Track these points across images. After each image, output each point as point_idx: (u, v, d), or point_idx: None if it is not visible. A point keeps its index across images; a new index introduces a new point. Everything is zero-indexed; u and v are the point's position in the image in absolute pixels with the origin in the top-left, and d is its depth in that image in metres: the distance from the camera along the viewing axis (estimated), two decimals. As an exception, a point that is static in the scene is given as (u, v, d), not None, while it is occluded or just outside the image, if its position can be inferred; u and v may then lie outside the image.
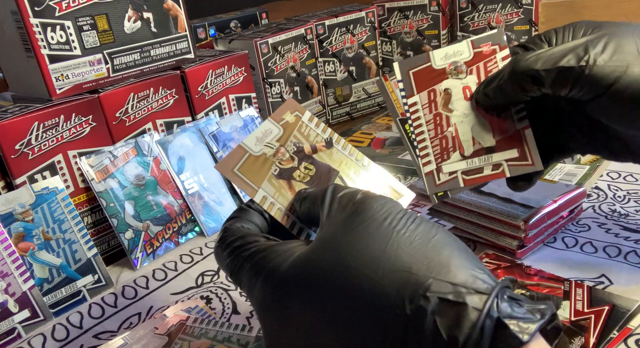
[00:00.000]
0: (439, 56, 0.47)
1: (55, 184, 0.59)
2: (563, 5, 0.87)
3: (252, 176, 0.41)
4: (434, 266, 0.29)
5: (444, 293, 0.27)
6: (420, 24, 1.03)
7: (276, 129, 0.43)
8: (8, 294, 0.53)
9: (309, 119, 0.44)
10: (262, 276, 0.33)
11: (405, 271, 0.28)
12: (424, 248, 0.30)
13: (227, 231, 0.37)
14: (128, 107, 0.66)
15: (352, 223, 0.32)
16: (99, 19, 0.63)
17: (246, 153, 0.42)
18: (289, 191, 0.41)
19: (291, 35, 0.91)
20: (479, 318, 0.26)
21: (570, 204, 0.56)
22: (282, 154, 0.42)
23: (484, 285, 0.28)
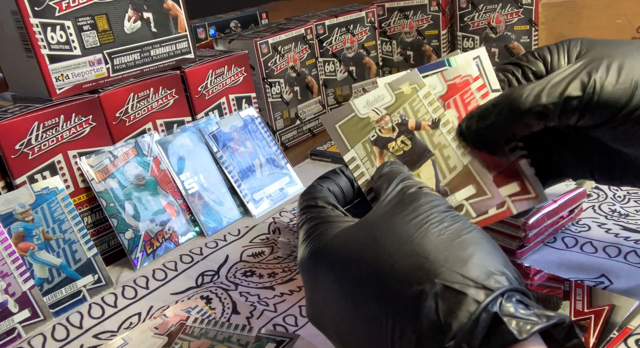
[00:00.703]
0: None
1: (55, 184, 0.59)
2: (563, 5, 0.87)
3: (350, 135, 0.42)
4: (452, 258, 0.29)
5: (450, 282, 0.28)
6: (420, 24, 1.03)
7: (389, 97, 0.43)
8: (8, 294, 0.53)
9: (425, 95, 0.43)
10: (309, 240, 0.36)
11: (423, 257, 0.30)
12: (450, 242, 0.30)
13: (311, 188, 0.40)
14: (128, 107, 0.66)
15: (396, 209, 0.34)
16: (99, 19, 0.63)
17: (352, 112, 0.43)
18: (378, 160, 0.42)
19: (291, 35, 0.91)
20: (476, 309, 0.27)
21: (570, 204, 0.56)
22: (385, 123, 0.42)
23: (495, 285, 0.28)
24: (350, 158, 0.42)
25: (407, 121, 0.42)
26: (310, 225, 0.37)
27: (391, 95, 0.43)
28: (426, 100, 0.43)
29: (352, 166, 0.42)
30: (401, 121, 0.43)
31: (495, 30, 0.97)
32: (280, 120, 0.91)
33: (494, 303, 0.27)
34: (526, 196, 0.40)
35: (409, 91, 0.43)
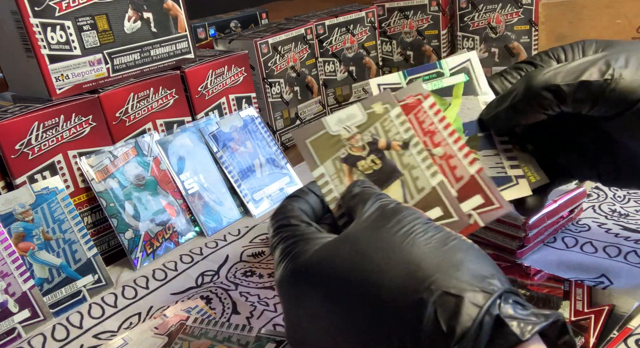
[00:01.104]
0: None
1: (55, 184, 0.59)
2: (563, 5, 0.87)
3: (320, 151, 0.42)
4: (444, 264, 0.29)
5: (447, 287, 0.28)
6: (420, 24, 1.03)
7: (360, 116, 0.43)
8: (8, 294, 0.53)
9: (397, 115, 0.43)
10: (287, 259, 0.35)
11: (415, 265, 0.29)
12: (439, 249, 0.30)
13: (281, 208, 0.39)
14: (128, 107, 0.66)
15: (378, 222, 0.33)
16: (99, 19, 0.63)
17: (323, 129, 0.43)
18: (347, 178, 0.41)
19: (291, 35, 0.91)
20: (478, 313, 0.27)
21: (570, 204, 0.56)
22: (356, 141, 0.42)
23: (490, 287, 0.28)
24: (319, 174, 0.41)
25: (377, 140, 0.42)
26: (287, 244, 0.36)
27: (363, 114, 0.43)
28: (397, 120, 0.43)
29: (321, 183, 0.41)
30: (372, 140, 0.43)
31: (495, 30, 0.97)
32: (280, 120, 0.91)
33: (494, 305, 0.27)
34: (491, 207, 0.40)
35: (380, 111, 0.43)
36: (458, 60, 0.47)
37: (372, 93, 0.47)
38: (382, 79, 0.48)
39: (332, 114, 0.43)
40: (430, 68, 0.47)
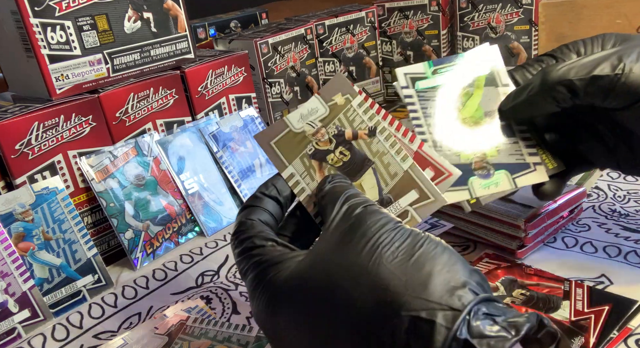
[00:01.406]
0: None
1: (55, 184, 0.59)
2: (563, 5, 0.87)
3: (287, 151, 0.41)
4: (411, 283, 0.29)
5: (417, 311, 0.27)
6: (420, 24, 1.03)
7: (322, 109, 0.43)
8: (8, 294, 0.53)
9: (359, 104, 0.43)
10: (261, 286, 0.35)
11: (383, 289, 0.29)
12: (405, 264, 0.30)
13: (241, 226, 0.38)
14: (128, 107, 0.66)
15: (345, 238, 0.33)
16: (99, 19, 0.63)
17: (287, 128, 0.42)
18: (318, 173, 0.41)
19: (291, 35, 0.91)
20: (446, 338, 0.26)
21: (570, 204, 0.56)
22: (322, 135, 0.42)
23: (459, 302, 0.28)
24: (289, 174, 0.41)
25: (343, 131, 0.42)
26: (256, 273, 0.35)
27: (325, 107, 0.43)
28: (360, 109, 0.43)
29: (292, 183, 0.41)
30: (337, 132, 0.42)
31: (495, 30, 0.97)
32: (280, 120, 0.91)
33: (462, 325, 0.27)
34: (426, 201, 0.41)
35: (342, 102, 0.43)
36: (479, 53, 0.49)
37: (399, 81, 0.49)
38: (408, 68, 0.49)
39: (293, 111, 0.43)
40: (454, 59, 0.49)
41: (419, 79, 0.48)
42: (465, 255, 0.56)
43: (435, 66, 0.49)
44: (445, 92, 0.48)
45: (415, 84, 0.49)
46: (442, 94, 0.48)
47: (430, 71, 0.49)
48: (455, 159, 0.46)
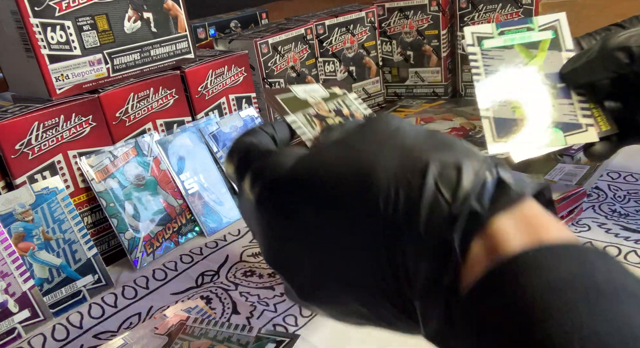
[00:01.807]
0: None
1: (55, 184, 0.59)
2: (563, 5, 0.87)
3: (291, 106, 0.42)
4: (437, 145, 0.28)
5: (444, 160, 0.26)
6: (420, 24, 1.03)
7: (322, 92, 0.45)
8: (8, 294, 0.53)
9: (355, 98, 0.45)
10: (264, 173, 0.31)
11: (408, 149, 0.28)
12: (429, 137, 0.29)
13: (243, 136, 0.36)
14: (128, 107, 0.66)
15: (366, 123, 0.31)
16: (99, 19, 0.63)
17: (291, 93, 0.43)
18: (319, 126, 0.42)
19: (291, 35, 0.91)
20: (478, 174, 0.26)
21: (570, 204, 0.56)
22: (323, 106, 0.44)
23: (484, 157, 0.27)
24: (292, 120, 0.41)
25: (342, 110, 0.44)
26: (259, 163, 0.32)
27: (325, 91, 0.45)
28: (356, 101, 0.45)
29: (295, 126, 0.41)
30: (336, 108, 0.44)
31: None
32: (280, 120, 0.91)
33: (492, 169, 0.26)
34: None
35: (340, 93, 0.45)
36: (548, 18, 0.53)
37: (465, 39, 0.53)
38: (476, 27, 0.53)
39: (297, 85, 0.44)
40: (522, 23, 0.53)
41: (485, 38, 0.52)
42: (465, 255, 0.56)
43: (502, 28, 0.53)
44: (509, 52, 0.52)
45: (481, 43, 0.53)
46: (506, 54, 0.52)
47: (496, 32, 0.53)
48: (510, 113, 0.49)
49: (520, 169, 0.67)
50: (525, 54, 0.53)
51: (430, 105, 1.01)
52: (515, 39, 0.53)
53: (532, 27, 0.54)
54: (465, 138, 0.83)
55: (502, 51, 0.53)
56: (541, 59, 0.52)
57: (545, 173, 0.68)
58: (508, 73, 0.52)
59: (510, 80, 0.52)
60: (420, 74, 1.07)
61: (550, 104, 0.51)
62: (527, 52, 0.53)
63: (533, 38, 0.53)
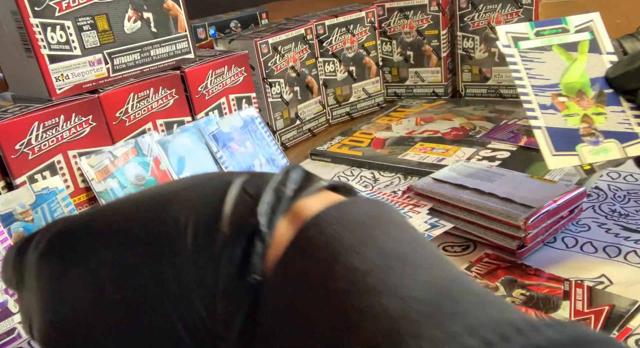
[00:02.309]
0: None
1: (55, 184, 0.59)
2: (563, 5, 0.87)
3: None
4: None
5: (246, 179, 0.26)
6: (420, 24, 1.03)
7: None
8: (8, 294, 0.53)
9: None
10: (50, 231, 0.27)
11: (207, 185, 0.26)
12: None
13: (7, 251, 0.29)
14: (128, 107, 0.66)
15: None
16: (99, 19, 0.63)
17: None
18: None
19: (291, 35, 0.91)
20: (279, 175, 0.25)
21: (570, 204, 0.56)
22: None
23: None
24: None
25: None
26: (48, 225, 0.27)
27: None
28: None
29: None
30: None
31: (495, 30, 0.97)
32: (280, 120, 0.91)
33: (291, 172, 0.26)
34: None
35: None
36: (583, 19, 0.50)
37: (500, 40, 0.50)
38: (510, 27, 0.51)
39: None
40: (556, 23, 0.51)
41: (521, 39, 0.50)
42: (465, 255, 0.56)
43: (537, 27, 0.51)
44: (548, 55, 0.49)
45: (517, 44, 0.50)
46: (546, 56, 0.49)
47: (532, 32, 0.50)
48: (562, 123, 0.47)
49: (520, 169, 0.67)
50: (566, 56, 0.50)
51: (430, 105, 1.01)
52: (552, 40, 0.50)
53: (568, 28, 0.51)
54: (465, 138, 0.83)
55: (541, 53, 0.50)
56: (583, 63, 0.49)
57: (546, 173, 0.68)
58: (552, 78, 0.49)
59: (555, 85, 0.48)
60: (420, 74, 1.07)
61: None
62: (567, 54, 0.50)
63: (570, 39, 0.50)
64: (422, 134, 0.87)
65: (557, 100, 0.48)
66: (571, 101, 0.48)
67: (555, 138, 0.47)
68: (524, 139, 0.78)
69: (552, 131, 0.47)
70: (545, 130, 0.47)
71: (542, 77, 0.48)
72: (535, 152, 0.75)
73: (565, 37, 0.50)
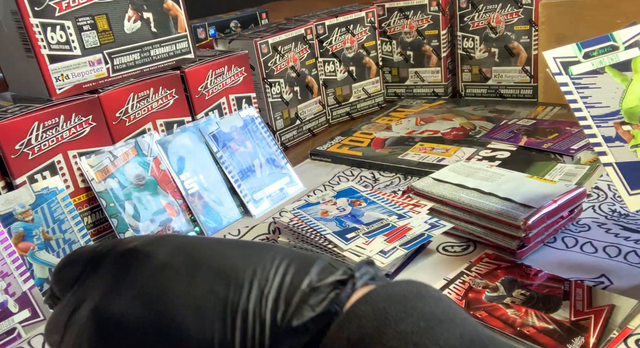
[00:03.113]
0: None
1: (55, 184, 0.59)
2: (563, 5, 0.87)
3: None
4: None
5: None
6: (420, 24, 1.03)
7: None
8: (8, 294, 0.53)
9: None
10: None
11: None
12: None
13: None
14: (128, 107, 0.66)
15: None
16: (99, 19, 0.63)
17: None
18: None
19: (291, 35, 0.91)
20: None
21: (570, 204, 0.56)
22: None
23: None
24: None
25: None
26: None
27: None
28: None
29: None
30: None
31: (495, 30, 0.97)
32: (280, 120, 0.91)
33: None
34: None
35: None
36: (630, 33, 0.47)
37: (550, 67, 0.46)
38: (557, 52, 0.47)
39: None
40: (604, 41, 0.47)
41: (571, 64, 0.46)
42: (465, 255, 0.56)
43: (585, 48, 0.47)
44: (602, 78, 0.46)
45: (569, 70, 0.47)
46: (600, 80, 0.46)
47: (581, 55, 0.47)
48: (632, 155, 0.44)
49: (520, 169, 0.67)
50: (621, 78, 0.47)
51: (430, 105, 1.01)
52: (603, 61, 0.47)
53: (617, 45, 0.48)
54: (465, 138, 0.83)
55: (595, 77, 0.46)
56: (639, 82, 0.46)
57: (546, 173, 0.68)
58: (612, 104, 0.45)
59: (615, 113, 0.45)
60: (420, 74, 1.07)
61: None
62: (621, 75, 0.47)
63: (621, 57, 0.47)
64: (422, 134, 0.87)
65: (621, 129, 0.45)
66: (635, 128, 0.45)
67: (628, 174, 0.43)
68: (524, 139, 0.78)
69: (623, 166, 0.44)
70: (617, 166, 0.44)
71: (600, 105, 0.45)
72: (535, 152, 0.75)
73: (616, 56, 0.47)
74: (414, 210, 0.59)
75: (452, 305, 0.27)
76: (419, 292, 0.27)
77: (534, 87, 0.96)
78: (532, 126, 0.83)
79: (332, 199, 0.65)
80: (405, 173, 0.77)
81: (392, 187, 0.73)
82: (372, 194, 0.64)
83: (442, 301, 0.27)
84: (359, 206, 0.62)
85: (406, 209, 0.59)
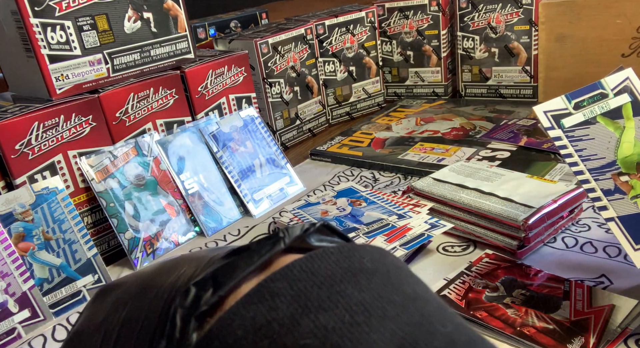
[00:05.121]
0: None
1: (55, 184, 0.59)
2: (563, 5, 0.87)
3: None
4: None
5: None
6: (420, 24, 1.03)
7: None
8: (8, 294, 0.53)
9: None
10: None
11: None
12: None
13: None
14: (128, 107, 0.66)
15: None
16: (99, 19, 0.63)
17: None
18: None
19: (291, 35, 0.91)
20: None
21: (570, 204, 0.56)
22: None
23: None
24: None
25: None
26: None
27: None
28: None
29: None
30: None
31: (495, 30, 0.97)
32: (280, 120, 0.91)
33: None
34: None
35: None
36: (618, 79, 0.46)
37: (541, 122, 0.46)
38: (547, 105, 0.46)
39: None
40: (593, 89, 0.47)
41: (562, 116, 0.46)
42: (465, 255, 0.56)
43: (574, 99, 0.47)
44: (595, 128, 0.45)
45: (561, 123, 0.46)
46: (593, 131, 0.45)
47: (571, 106, 0.46)
48: (632, 206, 0.43)
49: (520, 169, 0.67)
50: (613, 126, 0.46)
51: (430, 105, 1.01)
52: (594, 110, 0.46)
53: (606, 93, 0.47)
54: (465, 138, 0.83)
55: (587, 128, 0.46)
56: (632, 130, 0.45)
57: (546, 172, 0.68)
58: (607, 155, 0.45)
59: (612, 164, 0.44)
60: (420, 74, 1.07)
61: None
62: (613, 123, 0.46)
63: (611, 105, 0.47)
64: (422, 134, 0.87)
65: (619, 181, 0.44)
66: (633, 178, 0.44)
67: (631, 227, 0.42)
68: (524, 139, 0.78)
69: (625, 220, 0.43)
70: (619, 221, 0.43)
71: (596, 157, 0.45)
72: (535, 152, 0.75)
73: (607, 104, 0.47)
74: (414, 210, 0.59)
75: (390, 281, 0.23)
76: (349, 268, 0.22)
77: (534, 87, 0.96)
78: (532, 126, 0.83)
79: (332, 199, 0.65)
80: (405, 173, 0.77)
81: (392, 187, 0.73)
82: (372, 194, 0.64)
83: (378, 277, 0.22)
84: (359, 206, 0.62)
85: (406, 209, 0.59)
